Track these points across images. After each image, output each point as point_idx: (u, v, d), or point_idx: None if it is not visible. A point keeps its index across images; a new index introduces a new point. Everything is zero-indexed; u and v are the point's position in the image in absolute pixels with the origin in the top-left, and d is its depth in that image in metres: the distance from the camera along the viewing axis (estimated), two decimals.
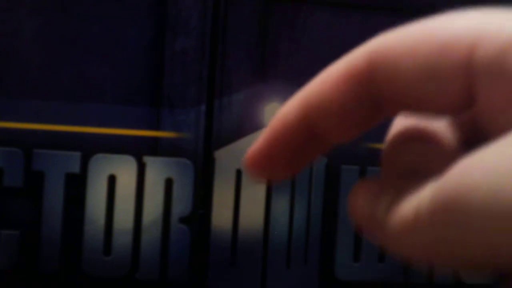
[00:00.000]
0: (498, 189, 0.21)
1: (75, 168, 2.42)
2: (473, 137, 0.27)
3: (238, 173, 2.51)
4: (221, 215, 2.51)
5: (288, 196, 2.55)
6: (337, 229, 2.59)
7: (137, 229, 2.46)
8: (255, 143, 0.28)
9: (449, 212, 0.22)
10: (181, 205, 2.47)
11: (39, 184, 2.41)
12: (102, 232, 2.45)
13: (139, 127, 2.48)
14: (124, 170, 2.44)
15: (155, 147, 2.48)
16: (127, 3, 2.48)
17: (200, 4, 2.48)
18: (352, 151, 2.58)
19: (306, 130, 0.27)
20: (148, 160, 2.45)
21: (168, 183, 2.47)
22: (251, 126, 2.51)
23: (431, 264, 0.23)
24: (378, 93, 0.25)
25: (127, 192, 2.45)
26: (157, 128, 2.48)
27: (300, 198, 2.56)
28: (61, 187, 2.42)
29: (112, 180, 2.44)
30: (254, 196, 2.53)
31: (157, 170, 2.46)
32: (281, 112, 0.28)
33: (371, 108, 0.26)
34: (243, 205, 2.52)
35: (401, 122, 0.29)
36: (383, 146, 0.29)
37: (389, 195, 0.25)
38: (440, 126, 0.28)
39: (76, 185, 2.43)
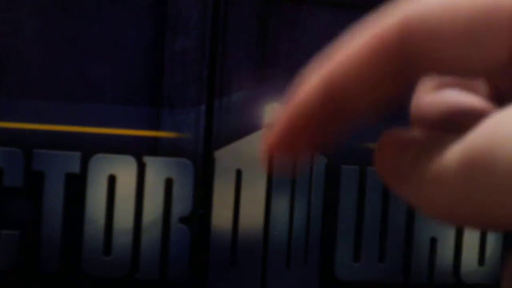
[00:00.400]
0: None
1: (75, 168, 2.42)
2: (507, 97, 0.26)
3: (238, 173, 2.51)
4: (221, 215, 2.51)
5: (288, 196, 2.55)
6: (337, 229, 2.59)
7: (137, 229, 2.46)
8: (275, 122, 0.27)
9: (476, 169, 0.21)
10: (181, 205, 2.47)
11: (39, 184, 2.41)
12: (102, 232, 2.45)
13: (139, 127, 2.48)
14: (124, 170, 2.44)
15: (155, 147, 2.48)
16: (127, 3, 2.48)
17: (200, 4, 2.47)
18: (352, 151, 2.58)
19: (329, 106, 0.26)
20: (148, 160, 2.45)
21: (168, 183, 2.47)
22: (251, 126, 2.51)
23: (454, 222, 0.23)
24: (414, 61, 0.24)
25: (127, 192, 2.45)
26: (157, 128, 2.48)
27: (300, 198, 2.56)
28: (61, 187, 2.42)
29: (112, 180, 2.44)
30: (254, 196, 2.53)
31: (157, 170, 2.46)
32: (301, 88, 0.27)
33: (403, 77, 0.25)
34: (243, 205, 2.52)
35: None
36: (412, 97, 0.28)
37: (416, 148, 0.25)
38: (474, 83, 0.27)
39: (76, 185, 2.43)
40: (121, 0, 2.48)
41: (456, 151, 0.22)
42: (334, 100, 0.25)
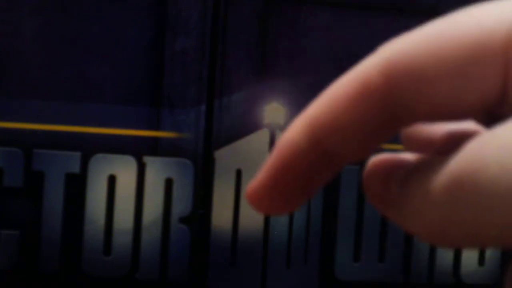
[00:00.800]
0: (510, 167, 0.20)
1: (75, 168, 2.42)
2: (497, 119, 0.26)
3: (238, 173, 2.52)
4: (221, 215, 2.51)
5: None
6: (337, 229, 2.59)
7: (137, 229, 2.46)
8: (257, 176, 0.26)
9: (462, 191, 0.21)
10: (181, 205, 2.47)
11: (39, 184, 2.41)
12: (102, 232, 2.45)
13: (139, 127, 2.48)
14: (124, 170, 2.44)
15: (155, 147, 2.48)
16: (127, 3, 2.48)
17: (200, 4, 2.48)
18: None
19: (316, 154, 0.25)
20: (148, 160, 2.45)
21: (168, 183, 2.47)
22: (251, 126, 2.51)
23: (441, 243, 0.23)
24: (399, 106, 0.23)
25: (127, 192, 2.45)
26: (157, 128, 2.48)
27: None
28: (61, 187, 2.42)
29: (112, 180, 2.44)
30: None
31: (157, 170, 2.46)
32: (285, 137, 0.25)
33: (388, 121, 0.24)
34: (243, 205, 2.52)
35: None
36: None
37: (404, 172, 0.24)
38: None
39: (76, 185, 2.43)
40: (121, 0, 2.48)
41: (443, 173, 0.22)
42: (321, 146, 0.25)
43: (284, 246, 2.56)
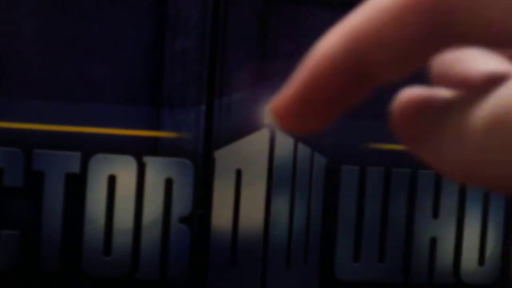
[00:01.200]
0: None
1: (75, 168, 2.42)
2: None
3: (238, 173, 2.51)
4: (221, 215, 2.51)
5: (288, 196, 2.55)
6: (337, 229, 2.59)
7: (137, 229, 2.46)
8: (287, 88, 0.23)
9: (503, 128, 0.20)
10: (181, 205, 2.47)
11: (39, 184, 2.41)
12: (102, 232, 2.45)
13: (139, 127, 2.48)
14: (124, 170, 2.44)
15: (155, 147, 2.48)
16: (127, 3, 2.48)
17: (200, 4, 2.48)
18: (352, 151, 2.58)
19: (353, 67, 0.23)
20: (148, 160, 2.45)
21: (168, 183, 2.47)
22: (251, 126, 2.51)
23: (472, 182, 0.21)
24: (451, 23, 0.22)
25: (127, 192, 2.45)
26: (157, 128, 2.48)
27: (300, 198, 2.56)
28: (61, 187, 2.42)
29: (112, 180, 2.44)
30: (254, 196, 2.53)
31: (157, 170, 2.46)
32: (322, 48, 0.23)
33: (436, 40, 0.22)
34: (243, 205, 2.52)
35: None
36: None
37: (437, 106, 0.23)
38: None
39: (76, 185, 2.43)
40: (121, 0, 2.48)
41: (481, 109, 0.21)
42: (361, 59, 0.23)
43: (284, 246, 2.56)
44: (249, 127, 2.51)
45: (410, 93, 0.24)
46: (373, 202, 2.59)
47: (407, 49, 0.22)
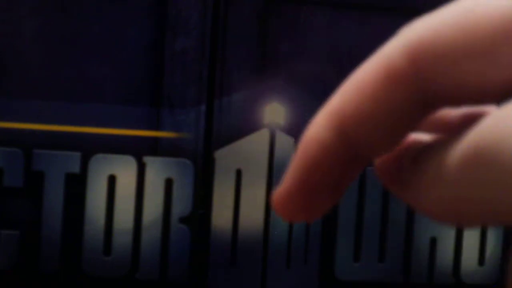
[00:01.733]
0: None
1: (75, 168, 2.42)
2: None
3: (238, 173, 2.52)
4: (221, 215, 2.51)
5: None
6: (337, 229, 2.59)
7: (137, 229, 2.46)
8: (283, 181, 0.24)
9: (480, 164, 0.20)
10: (181, 205, 2.47)
11: (39, 184, 2.41)
12: (102, 232, 2.45)
13: (139, 127, 2.48)
14: (124, 170, 2.44)
15: (155, 147, 2.48)
16: (127, 3, 2.48)
17: (200, 4, 2.48)
18: None
19: (344, 148, 0.23)
20: (148, 160, 2.45)
21: (168, 183, 2.47)
22: (251, 126, 2.51)
23: (459, 222, 0.21)
24: (424, 90, 0.22)
25: (127, 192, 2.45)
26: (157, 128, 2.48)
27: None
28: (61, 187, 2.42)
29: (112, 180, 2.44)
30: (254, 196, 2.53)
31: (157, 170, 2.46)
32: (309, 134, 0.24)
33: (415, 107, 0.23)
34: (243, 205, 2.52)
35: None
36: None
37: (416, 151, 0.23)
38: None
39: (76, 185, 2.43)
40: (121, 0, 2.48)
41: (459, 148, 0.21)
42: (349, 138, 0.23)
43: (284, 246, 2.56)
44: (249, 127, 2.51)
45: None
46: (373, 202, 2.59)
47: (390, 120, 0.23)
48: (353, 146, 0.23)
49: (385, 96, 0.22)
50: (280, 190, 0.24)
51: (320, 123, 0.23)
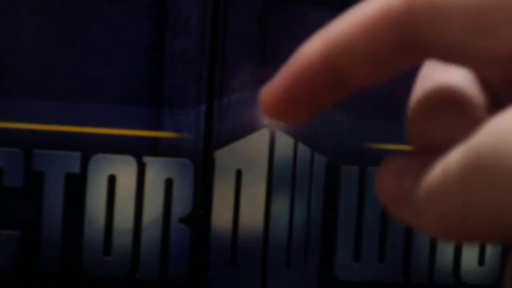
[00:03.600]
0: None
1: (75, 168, 2.42)
2: (508, 97, 0.24)
3: (238, 173, 2.51)
4: (221, 215, 2.51)
5: (288, 196, 2.55)
6: (337, 229, 2.59)
7: (137, 229, 2.46)
8: (271, 82, 0.26)
9: (481, 171, 0.19)
10: (181, 205, 2.47)
11: (39, 184, 2.41)
12: (102, 232, 2.45)
13: (139, 127, 2.48)
14: (124, 170, 2.44)
15: (155, 147, 2.48)
16: (127, 3, 2.48)
17: (200, 4, 2.48)
18: (352, 151, 2.58)
19: (329, 70, 0.25)
20: (148, 160, 2.45)
21: (168, 183, 2.47)
22: (251, 126, 2.51)
23: (458, 237, 0.21)
24: (415, 38, 0.23)
25: (127, 192, 2.45)
26: (157, 128, 2.48)
27: (300, 198, 2.56)
28: (61, 187, 2.42)
29: (112, 180, 2.44)
30: (254, 196, 2.53)
31: (157, 170, 2.46)
32: (302, 51, 0.25)
33: (404, 52, 0.24)
34: (243, 205, 2.52)
35: (425, 81, 0.26)
36: (407, 113, 0.27)
37: (415, 168, 0.23)
38: (470, 83, 0.25)
39: (76, 185, 2.43)
40: (121, 0, 2.48)
41: (457, 157, 0.21)
42: (335, 63, 0.25)
43: (284, 246, 2.56)
44: (249, 127, 2.51)
45: (392, 158, 0.25)
46: (373, 202, 2.59)
47: (375, 56, 0.24)
48: (338, 73, 0.25)
49: (377, 35, 0.24)
50: (267, 89, 0.26)
51: (314, 43, 0.25)
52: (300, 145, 2.55)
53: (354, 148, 2.57)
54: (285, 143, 2.54)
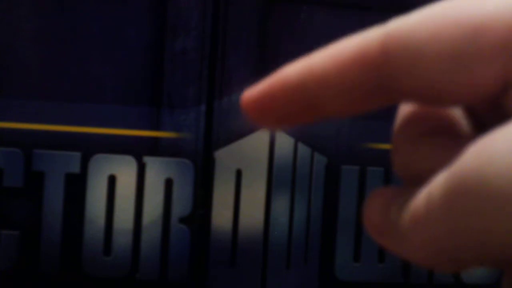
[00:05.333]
0: None
1: (75, 168, 2.42)
2: (490, 119, 0.24)
3: (238, 173, 2.51)
4: (221, 215, 2.51)
5: (288, 196, 2.55)
6: (337, 229, 2.59)
7: (137, 229, 2.46)
8: (255, 87, 0.27)
9: (464, 194, 0.19)
10: (181, 205, 2.47)
11: (39, 184, 2.41)
12: (102, 232, 2.45)
13: (139, 127, 2.48)
14: (124, 170, 2.44)
15: (155, 147, 2.48)
16: (127, 3, 2.48)
17: (200, 4, 2.48)
18: (352, 151, 2.58)
19: (303, 96, 0.25)
20: (148, 160, 2.45)
21: (168, 183, 2.47)
22: (251, 126, 2.51)
23: (446, 263, 0.21)
24: (390, 83, 0.23)
25: (127, 192, 2.45)
26: (157, 128, 2.48)
27: (300, 198, 2.56)
28: (61, 187, 2.42)
29: (112, 180, 2.44)
30: (254, 196, 2.53)
31: (157, 170, 2.46)
32: (284, 70, 0.26)
33: (380, 93, 0.24)
34: (243, 205, 2.52)
35: (407, 110, 0.26)
36: (390, 143, 0.27)
37: (402, 198, 0.24)
38: (452, 112, 0.25)
39: (76, 185, 2.43)
40: (121, 0, 2.48)
41: (440, 181, 0.21)
42: (310, 91, 0.25)
43: (284, 246, 2.56)
44: (249, 127, 2.51)
45: (379, 191, 0.26)
46: None
47: (349, 93, 0.24)
48: (311, 99, 0.25)
49: (351, 73, 0.24)
50: (251, 91, 0.28)
51: (295, 68, 0.26)
52: (300, 145, 2.55)
53: (354, 148, 2.57)
54: (285, 143, 2.54)
